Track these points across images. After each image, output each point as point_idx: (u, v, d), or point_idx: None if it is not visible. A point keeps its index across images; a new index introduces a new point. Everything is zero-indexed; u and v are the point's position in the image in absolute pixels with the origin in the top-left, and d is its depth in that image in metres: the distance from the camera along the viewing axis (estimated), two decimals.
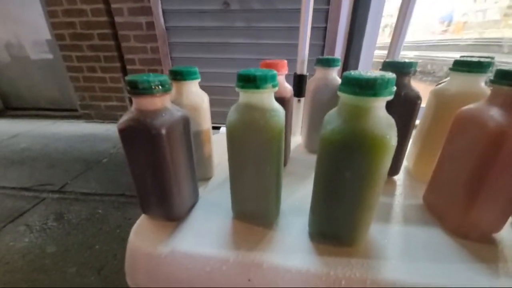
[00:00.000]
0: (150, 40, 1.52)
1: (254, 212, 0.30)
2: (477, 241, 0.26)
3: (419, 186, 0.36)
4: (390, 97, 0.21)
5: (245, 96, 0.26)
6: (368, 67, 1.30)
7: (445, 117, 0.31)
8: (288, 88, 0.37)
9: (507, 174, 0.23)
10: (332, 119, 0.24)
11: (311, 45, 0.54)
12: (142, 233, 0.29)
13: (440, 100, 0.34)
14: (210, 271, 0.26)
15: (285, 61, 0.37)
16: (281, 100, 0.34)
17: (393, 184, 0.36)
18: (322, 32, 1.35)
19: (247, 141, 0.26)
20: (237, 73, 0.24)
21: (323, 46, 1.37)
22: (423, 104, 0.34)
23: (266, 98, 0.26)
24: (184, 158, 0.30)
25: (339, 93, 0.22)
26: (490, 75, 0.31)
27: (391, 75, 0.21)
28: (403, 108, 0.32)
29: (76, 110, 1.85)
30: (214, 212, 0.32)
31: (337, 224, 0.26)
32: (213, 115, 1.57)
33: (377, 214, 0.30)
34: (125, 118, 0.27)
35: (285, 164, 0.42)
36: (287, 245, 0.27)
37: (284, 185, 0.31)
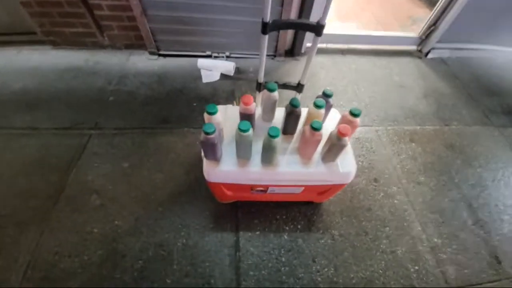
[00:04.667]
0: None
1: (242, 154, 0.88)
2: (308, 159, 0.90)
3: None
4: None
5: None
6: None
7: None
8: (254, 107, 0.85)
9: (304, 144, 0.83)
10: None
11: None
12: (207, 164, 0.87)
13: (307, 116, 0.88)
14: (228, 173, 0.87)
15: (251, 97, 0.82)
16: (249, 115, 0.84)
17: (291, 138, 0.96)
18: None
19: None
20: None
21: None
22: None
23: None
24: (220, 140, 0.83)
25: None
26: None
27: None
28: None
29: (34, 33, 1.78)
30: (229, 155, 0.89)
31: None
32: (186, 43, 1.99)
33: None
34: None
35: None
36: (253, 163, 0.88)
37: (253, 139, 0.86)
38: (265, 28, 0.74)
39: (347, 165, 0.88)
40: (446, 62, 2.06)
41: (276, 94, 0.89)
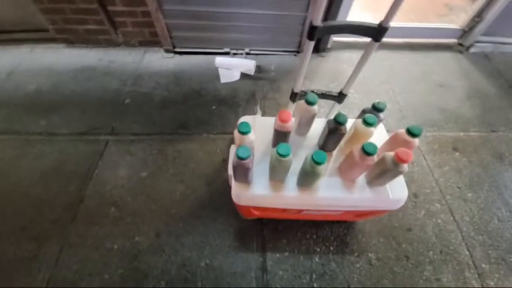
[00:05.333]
0: None
1: (276, 177, 0.78)
2: (351, 181, 0.79)
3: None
4: None
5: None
6: None
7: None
8: (290, 125, 0.74)
9: (351, 167, 0.71)
10: None
11: None
12: (237, 187, 0.78)
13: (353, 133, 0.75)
14: (260, 197, 0.77)
15: (290, 113, 0.71)
16: (285, 133, 0.73)
17: (329, 155, 0.84)
18: None
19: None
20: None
21: None
22: None
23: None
24: (252, 162, 0.73)
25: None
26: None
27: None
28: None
29: (46, 31, 1.71)
30: (261, 177, 0.79)
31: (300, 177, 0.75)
32: (203, 40, 1.85)
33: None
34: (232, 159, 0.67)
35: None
36: (288, 186, 0.78)
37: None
38: (313, 33, 0.61)
39: (397, 189, 0.76)
40: (489, 58, 1.84)
41: (316, 107, 0.77)
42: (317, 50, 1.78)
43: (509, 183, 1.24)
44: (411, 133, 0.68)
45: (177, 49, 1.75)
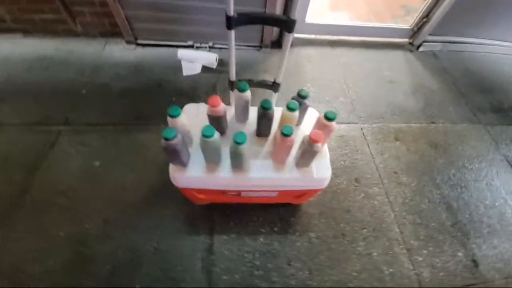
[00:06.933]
0: None
1: (210, 160, 0.83)
2: (281, 164, 0.86)
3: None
4: None
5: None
6: None
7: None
8: (222, 109, 0.79)
9: (276, 149, 0.78)
10: None
11: None
12: (173, 169, 0.82)
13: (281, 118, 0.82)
14: (195, 179, 0.82)
15: (219, 98, 0.76)
16: (216, 118, 0.78)
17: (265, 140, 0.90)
18: None
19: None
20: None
21: None
22: None
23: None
24: (185, 144, 0.77)
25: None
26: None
27: None
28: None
29: (3, 21, 1.65)
30: (198, 159, 0.83)
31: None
32: (167, 32, 1.89)
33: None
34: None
35: (224, 133, 0.90)
36: (223, 168, 0.83)
37: (224, 142, 0.80)
38: (230, 23, 0.67)
39: (322, 170, 0.84)
40: (437, 56, 2.00)
41: (248, 94, 0.83)
42: (279, 45, 1.84)
43: (441, 169, 1.38)
44: (327, 117, 0.76)
45: (140, 41, 1.75)
